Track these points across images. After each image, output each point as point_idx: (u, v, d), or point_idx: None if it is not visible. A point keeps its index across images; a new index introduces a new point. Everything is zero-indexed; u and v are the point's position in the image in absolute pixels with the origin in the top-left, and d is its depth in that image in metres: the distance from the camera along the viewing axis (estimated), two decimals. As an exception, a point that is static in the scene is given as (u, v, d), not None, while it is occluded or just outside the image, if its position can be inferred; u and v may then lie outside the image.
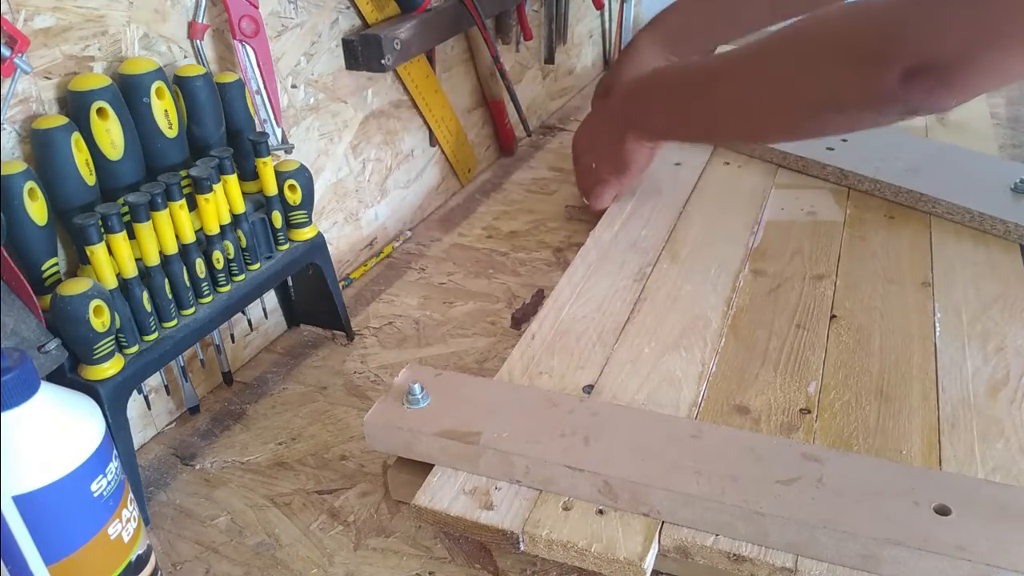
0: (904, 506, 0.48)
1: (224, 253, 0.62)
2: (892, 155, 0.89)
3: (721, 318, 0.68)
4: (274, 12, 0.71)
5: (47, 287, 0.54)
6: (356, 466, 0.62)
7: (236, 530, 0.57)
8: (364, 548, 0.56)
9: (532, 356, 0.64)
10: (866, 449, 0.55)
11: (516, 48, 1.13)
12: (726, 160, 0.95)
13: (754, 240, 0.80)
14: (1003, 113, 1.18)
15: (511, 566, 0.54)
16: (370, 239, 0.89)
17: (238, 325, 0.72)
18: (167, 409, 0.67)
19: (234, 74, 0.64)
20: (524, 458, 0.52)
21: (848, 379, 0.62)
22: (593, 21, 1.39)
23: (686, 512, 0.49)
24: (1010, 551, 0.45)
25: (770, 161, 0.94)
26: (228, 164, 0.60)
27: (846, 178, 0.88)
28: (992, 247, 0.77)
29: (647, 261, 0.76)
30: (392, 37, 0.80)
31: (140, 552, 0.47)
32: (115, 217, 0.53)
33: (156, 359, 0.57)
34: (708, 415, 0.59)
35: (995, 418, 0.57)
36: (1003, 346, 0.64)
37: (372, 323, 0.79)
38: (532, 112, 1.22)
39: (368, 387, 0.70)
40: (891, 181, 0.85)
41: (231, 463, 0.63)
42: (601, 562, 0.48)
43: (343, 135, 0.82)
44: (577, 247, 0.81)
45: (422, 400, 0.56)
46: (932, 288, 0.71)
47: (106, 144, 0.55)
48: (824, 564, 0.47)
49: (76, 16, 0.55)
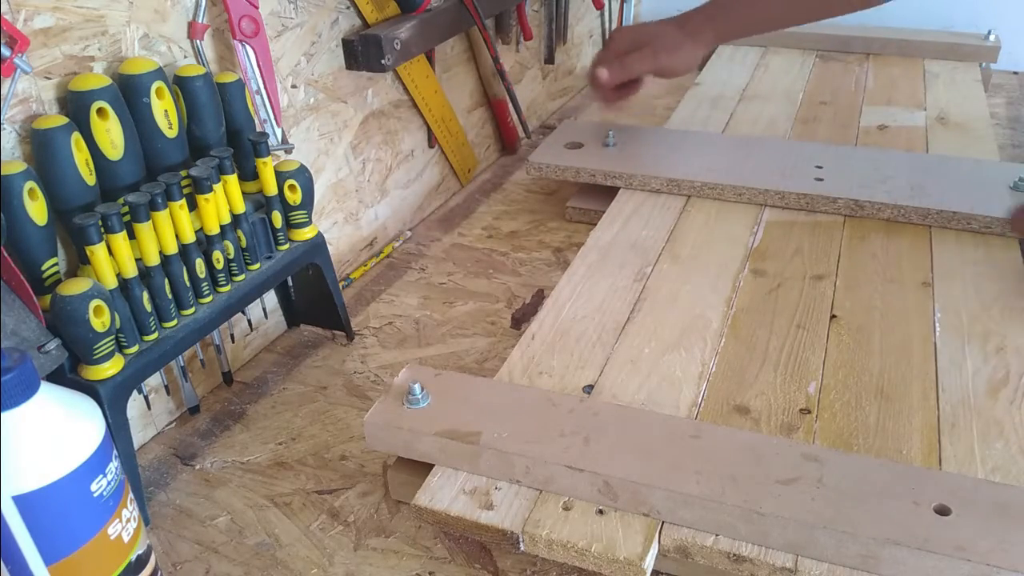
0: (904, 506, 0.48)
1: (224, 253, 0.62)
2: (882, 177, 0.86)
3: (721, 318, 0.68)
4: (274, 12, 0.71)
5: (47, 287, 0.54)
6: (356, 466, 0.62)
7: (236, 530, 0.57)
8: (364, 548, 0.56)
9: (532, 356, 0.64)
10: (866, 449, 0.55)
11: (516, 48, 1.13)
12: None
13: (754, 240, 0.80)
14: (1003, 113, 1.18)
15: (511, 566, 0.54)
16: (370, 239, 0.89)
17: (238, 325, 0.72)
18: (167, 409, 0.67)
19: (234, 74, 0.64)
20: (524, 458, 0.52)
21: (848, 379, 0.62)
22: (593, 21, 1.39)
23: (686, 512, 0.49)
24: (1010, 551, 0.45)
25: (761, 204, 0.87)
26: (228, 164, 0.60)
27: (835, 203, 0.83)
28: (992, 247, 0.77)
29: (647, 261, 0.76)
30: (392, 37, 0.80)
31: (140, 552, 0.47)
32: (115, 217, 0.53)
33: (156, 359, 0.57)
34: (708, 415, 0.59)
35: (995, 418, 0.57)
36: (1003, 346, 0.64)
37: (372, 323, 0.79)
38: (532, 112, 1.22)
39: (368, 387, 0.70)
40: (888, 201, 0.82)
41: (231, 463, 0.63)
42: (601, 562, 0.48)
43: (343, 135, 0.82)
44: (577, 247, 0.81)
45: (422, 400, 0.56)
46: (932, 288, 0.71)
47: (106, 144, 0.55)
48: (824, 564, 0.47)
49: (76, 16, 0.55)
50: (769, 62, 1.28)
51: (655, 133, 1.00)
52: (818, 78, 1.22)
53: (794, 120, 1.08)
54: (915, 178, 0.86)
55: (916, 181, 0.85)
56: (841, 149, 0.94)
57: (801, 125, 1.06)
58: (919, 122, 1.05)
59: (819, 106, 1.12)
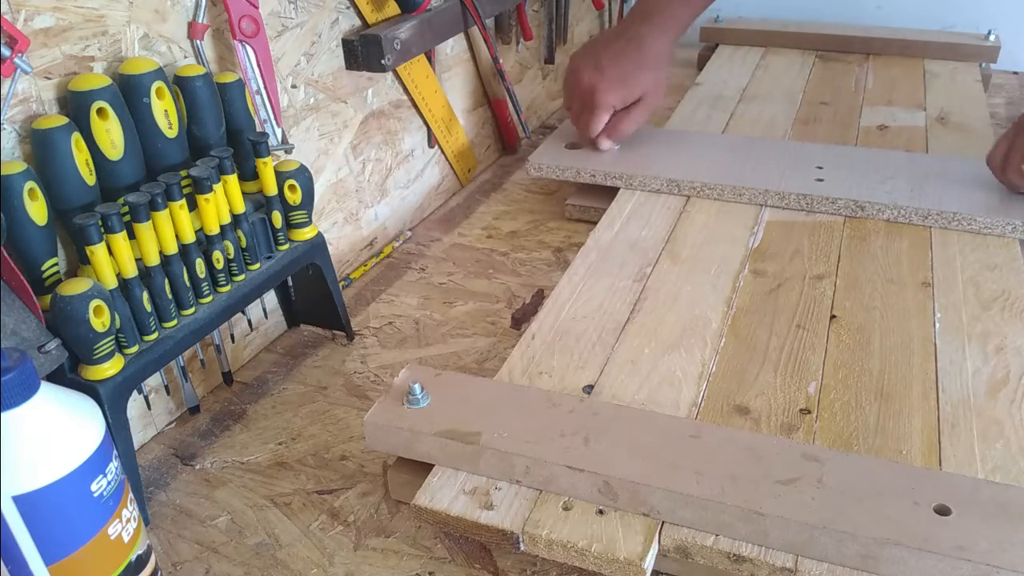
0: (904, 506, 0.48)
1: (224, 253, 0.62)
2: (882, 177, 0.86)
3: (721, 318, 0.68)
4: (274, 12, 0.71)
5: (47, 287, 0.54)
6: (356, 466, 0.62)
7: (236, 530, 0.57)
8: (364, 548, 0.56)
9: (532, 356, 0.64)
10: (866, 449, 0.55)
11: (516, 48, 1.13)
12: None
13: (754, 240, 0.80)
14: (1003, 113, 1.18)
15: (511, 566, 0.54)
16: (370, 239, 0.89)
17: (238, 325, 0.72)
18: (167, 409, 0.67)
19: (234, 74, 0.64)
20: (524, 458, 0.52)
21: (848, 379, 0.62)
22: (593, 21, 1.39)
23: (686, 512, 0.49)
24: (1010, 551, 0.45)
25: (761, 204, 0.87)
26: (228, 164, 0.60)
27: (834, 204, 0.83)
28: (992, 247, 0.77)
29: (647, 261, 0.76)
30: (392, 37, 0.80)
31: (140, 552, 0.47)
32: (115, 217, 0.53)
33: (156, 359, 0.57)
34: (708, 415, 0.59)
35: (995, 418, 0.57)
36: (1003, 346, 0.64)
37: (372, 323, 0.79)
38: (532, 112, 1.22)
39: (368, 387, 0.70)
40: (888, 202, 0.82)
41: (231, 463, 0.63)
42: (601, 562, 0.48)
43: (343, 135, 0.82)
44: (577, 247, 0.81)
45: (422, 400, 0.56)
46: (932, 288, 0.71)
47: (106, 144, 0.55)
48: (824, 564, 0.47)
49: (76, 16, 0.55)
50: (769, 62, 1.28)
51: (655, 133, 1.00)
52: (818, 78, 1.22)
53: (794, 120, 1.08)
54: (915, 178, 0.86)
55: (916, 181, 0.85)
56: (841, 149, 0.94)
57: (801, 125, 1.06)
58: (919, 122, 1.05)
59: (819, 106, 1.12)
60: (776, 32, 1.34)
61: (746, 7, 1.45)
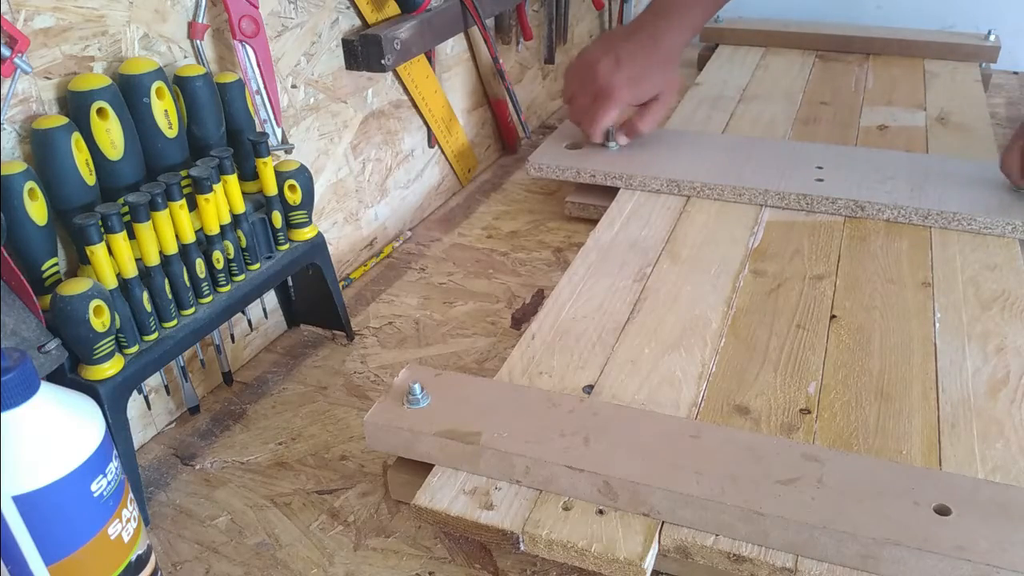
0: (904, 506, 0.48)
1: (224, 253, 0.62)
2: (882, 177, 0.86)
3: (721, 318, 0.68)
4: (274, 12, 0.71)
5: (47, 287, 0.54)
6: (356, 466, 0.62)
7: (236, 530, 0.57)
8: (364, 548, 0.56)
9: (532, 356, 0.64)
10: (866, 449, 0.55)
11: (516, 48, 1.13)
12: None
13: (754, 240, 0.80)
14: (1003, 113, 1.18)
15: (511, 566, 0.54)
16: (370, 239, 0.89)
17: (238, 325, 0.72)
18: (167, 409, 0.67)
19: (234, 74, 0.64)
20: (524, 458, 0.52)
21: (848, 379, 0.62)
22: (593, 21, 1.39)
23: (686, 512, 0.49)
24: (1010, 551, 0.45)
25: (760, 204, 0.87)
26: (228, 164, 0.60)
27: (834, 203, 0.83)
28: (992, 247, 0.77)
29: (647, 261, 0.76)
30: (392, 37, 0.80)
31: (140, 552, 0.47)
32: (115, 217, 0.53)
33: (156, 359, 0.57)
34: (708, 415, 0.59)
35: (995, 418, 0.57)
36: (1003, 346, 0.64)
37: (372, 323, 0.79)
38: (532, 112, 1.22)
39: (368, 387, 0.70)
40: (888, 202, 0.82)
41: (231, 463, 0.63)
42: (601, 562, 0.48)
43: (343, 135, 0.82)
44: (577, 247, 0.81)
45: (422, 400, 0.56)
46: (932, 288, 0.71)
47: (106, 144, 0.55)
48: (824, 564, 0.47)
49: (76, 16, 0.55)
50: (769, 62, 1.28)
51: (655, 133, 1.00)
52: (818, 78, 1.21)
53: (794, 120, 1.08)
54: (915, 178, 0.86)
55: (916, 181, 0.85)
56: (841, 149, 0.94)
57: (801, 125, 1.06)
58: (919, 122, 1.05)
59: (819, 106, 1.12)
60: (776, 32, 1.34)
61: (746, 7, 1.45)
